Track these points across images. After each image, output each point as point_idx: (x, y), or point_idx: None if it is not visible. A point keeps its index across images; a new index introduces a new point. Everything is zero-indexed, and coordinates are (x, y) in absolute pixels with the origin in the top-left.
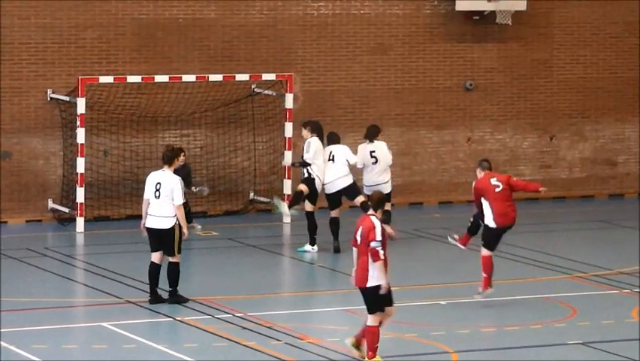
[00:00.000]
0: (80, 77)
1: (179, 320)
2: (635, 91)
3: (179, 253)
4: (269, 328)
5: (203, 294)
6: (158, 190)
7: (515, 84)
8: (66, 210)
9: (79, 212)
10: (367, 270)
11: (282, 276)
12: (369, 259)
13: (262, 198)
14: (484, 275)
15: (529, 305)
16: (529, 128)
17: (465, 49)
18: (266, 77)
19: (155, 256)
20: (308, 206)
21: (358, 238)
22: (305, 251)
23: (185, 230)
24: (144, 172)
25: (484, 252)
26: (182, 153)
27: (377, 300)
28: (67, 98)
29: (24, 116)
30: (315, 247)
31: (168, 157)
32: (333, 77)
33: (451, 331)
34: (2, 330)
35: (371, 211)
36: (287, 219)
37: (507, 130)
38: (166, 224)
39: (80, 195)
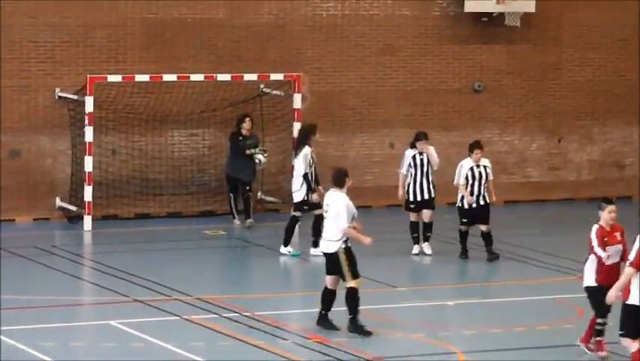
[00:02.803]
0: (88, 76)
1: (186, 319)
2: None
3: (352, 278)
4: (276, 327)
5: (211, 293)
6: (326, 211)
7: (524, 86)
8: (74, 208)
9: (87, 210)
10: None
11: (289, 275)
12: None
13: (270, 198)
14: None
15: (535, 306)
16: (537, 130)
17: (474, 50)
18: (274, 77)
19: (327, 280)
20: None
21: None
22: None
23: (365, 240)
24: (152, 171)
25: None
26: (248, 118)
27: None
28: (75, 97)
29: (32, 114)
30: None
31: (336, 179)
32: (342, 77)
33: (458, 332)
34: (10, 328)
35: None
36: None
37: (515, 132)
38: (330, 248)
39: (88, 193)
